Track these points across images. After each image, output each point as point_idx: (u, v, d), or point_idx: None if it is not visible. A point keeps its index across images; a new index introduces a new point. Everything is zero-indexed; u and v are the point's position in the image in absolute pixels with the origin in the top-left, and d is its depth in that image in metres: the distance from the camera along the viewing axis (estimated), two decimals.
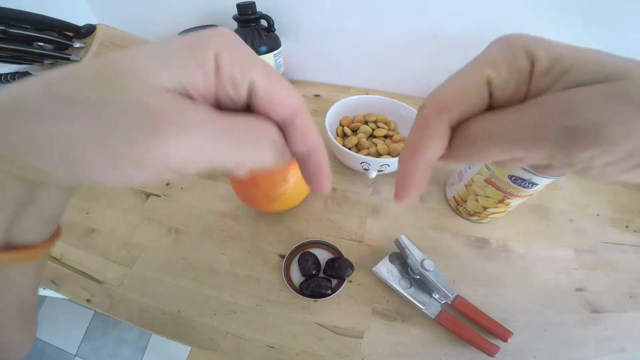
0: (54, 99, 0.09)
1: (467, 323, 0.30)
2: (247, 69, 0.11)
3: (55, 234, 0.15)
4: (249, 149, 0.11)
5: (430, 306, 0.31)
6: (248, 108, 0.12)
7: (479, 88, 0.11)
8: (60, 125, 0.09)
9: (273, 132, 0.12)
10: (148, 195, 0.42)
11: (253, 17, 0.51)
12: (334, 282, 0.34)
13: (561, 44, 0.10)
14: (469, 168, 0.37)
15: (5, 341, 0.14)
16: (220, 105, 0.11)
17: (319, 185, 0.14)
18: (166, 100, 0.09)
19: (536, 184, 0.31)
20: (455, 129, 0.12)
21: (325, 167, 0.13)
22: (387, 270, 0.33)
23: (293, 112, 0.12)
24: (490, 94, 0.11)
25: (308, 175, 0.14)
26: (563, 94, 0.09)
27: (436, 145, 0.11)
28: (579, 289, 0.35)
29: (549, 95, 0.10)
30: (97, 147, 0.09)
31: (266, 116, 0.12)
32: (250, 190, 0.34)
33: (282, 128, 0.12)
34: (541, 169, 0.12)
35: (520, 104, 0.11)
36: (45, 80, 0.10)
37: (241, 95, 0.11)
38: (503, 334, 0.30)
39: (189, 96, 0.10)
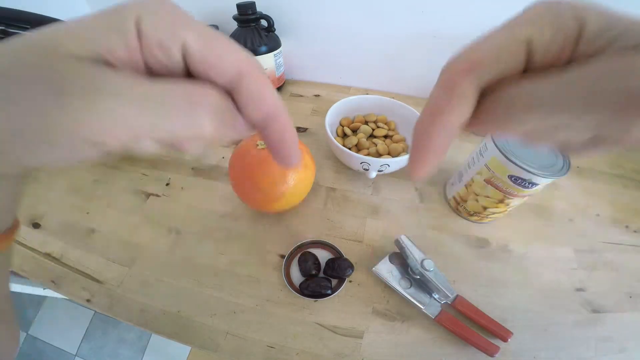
0: None
1: (467, 323, 0.30)
2: (175, 30, 0.10)
3: (13, 227, 0.15)
4: (181, 115, 0.10)
5: (430, 306, 0.31)
6: (190, 76, 0.11)
7: (517, 47, 0.09)
8: None
9: (212, 96, 0.10)
10: (148, 195, 0.42)
11: (253, 17, 0.51)
12: (334, 282, 0.34)
13: (613, 10, 0.09)
14: (469, 168, 0.37)
15: None
16: (155, 74, 0.11)
17: (284, 157, 0.12)
18: (75, 68, 0.09)
19: (536, 184, 0.31)
20: (484, 94, 0.10)
21: (289, 136, 0.12)
22: (387, 270, 0.33)
23: (238, 73, 0.11)
24: (529, 57, 0.10)
25: (271, 146, 0.12)
26: (622, 56, 0.08)
27: (462, 108, 0.10)
28: (579, 289, 0.35)
29: (604, 57, 0.09)
30: (5, 125, 0.09)
31: (208, 81, 0.11)
32: (250, 190, 0.34)
33: (231, 94, 0.11)
34: (577, 148, 0.10)
35: (566, 67, 0.09)
36: None
37: (175, 60, 0.10)
38: (503, 334, 0.30)
39: (108, 64, 0.10)
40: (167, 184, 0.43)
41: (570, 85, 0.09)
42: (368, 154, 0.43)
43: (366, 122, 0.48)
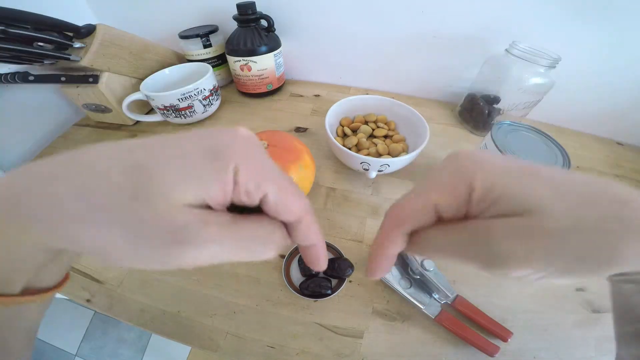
0: (90, 205, 0.11)
1: (467, 323, 0.30)
2: (261, 183, 0.13)
3: (65, 277, 0.16)
4: (257, 252, 0.13)
5: (430, 306, 0.31)
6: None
7: (427, 210, 0.14)
8: (94, 230, 0.11)
9: (279, 237, 0.14)
10: None
11: (253, 17, 0.51)
12: (334, 282, 0.34)
13: (497, 169, 0.13)
14: None
15: None
16: (235, 203, 0.13)
17: (314, 267, 0.17)
18: (187, 218, 0.11)
19: None
20: (414, 233, 0.15)
21: (322, 258, 0.16)
22: None
23: (298, 219, 0.14)
24: (438, 214, 0.14)
25: (306, 258, 0.16)
26: (486, 223, 0.12)
27: (394, 247, 0.15)
28: (579, 289, 0.35)
29: (475, 222, 0.13)
30: (128, 250, 0.11)
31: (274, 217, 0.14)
32: None
33: (288, 226, 0.14)
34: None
35: (458, 223, 0.13)
36: (74, 179, 0.11)
37: (254, 203, 0.13)
38: (503, 334, 0.30)
39: (207, 206, 0.12)
40: None
41: (452, 241, 0.13)
42: (368, 154, 0.43)
43: (366, 122, 0.48)
